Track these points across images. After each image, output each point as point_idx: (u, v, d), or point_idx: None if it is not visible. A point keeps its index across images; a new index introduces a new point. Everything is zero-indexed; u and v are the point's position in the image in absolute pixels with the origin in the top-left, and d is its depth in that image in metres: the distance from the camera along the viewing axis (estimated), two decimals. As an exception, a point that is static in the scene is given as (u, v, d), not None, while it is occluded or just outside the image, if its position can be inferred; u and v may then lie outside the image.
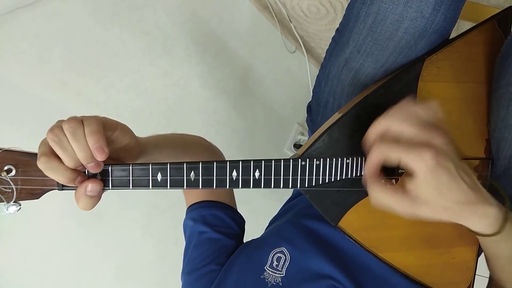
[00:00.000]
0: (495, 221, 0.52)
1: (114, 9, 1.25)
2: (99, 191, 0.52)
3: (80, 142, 0.48)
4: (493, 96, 0.65)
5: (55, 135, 0.48)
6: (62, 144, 0.48)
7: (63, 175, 0.49)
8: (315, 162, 0.57)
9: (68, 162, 0.49)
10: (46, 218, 1.21)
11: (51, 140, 0.48)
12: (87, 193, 0.50)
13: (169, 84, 1.39)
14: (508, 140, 0.64)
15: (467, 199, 0.49)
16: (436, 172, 0.46)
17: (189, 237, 0.80)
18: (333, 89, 0.76)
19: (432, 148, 0.46)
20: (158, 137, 0.70)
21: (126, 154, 0.57)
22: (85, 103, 1.24)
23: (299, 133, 1.70)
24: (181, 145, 0.78)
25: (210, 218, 0.78)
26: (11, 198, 0.50)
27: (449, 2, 0.58)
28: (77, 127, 0.48)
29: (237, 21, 1.50)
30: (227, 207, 0.81)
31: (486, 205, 0.51)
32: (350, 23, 0.67)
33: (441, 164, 0.46)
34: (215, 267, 0.72)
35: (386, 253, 0.65)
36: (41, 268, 1.22)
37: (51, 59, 1.17)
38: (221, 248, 0.76)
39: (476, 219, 0.51)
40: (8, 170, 0.50)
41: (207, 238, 0.76)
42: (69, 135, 0.48)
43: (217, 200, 0.81)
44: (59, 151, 0.48)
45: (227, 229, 0.78)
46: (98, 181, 0.52)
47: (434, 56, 0.63)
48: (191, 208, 0.81)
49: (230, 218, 0.80)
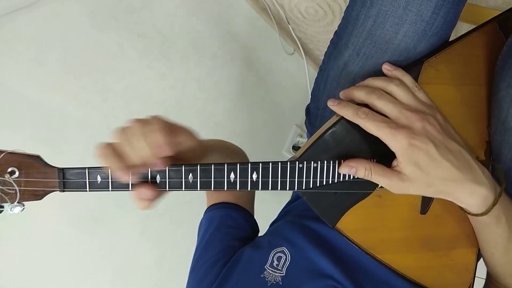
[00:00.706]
0: (483, 201, 0.55)
1: (111, 11, 1.25)
2: (151, 194, 0.53)
3: (146, 139, 0.49)
4: (494, 98, 0.65)
5: (122, 132, 0.50)
6: (127, 140, 0.49)
7: (114, 162, 0.49)
8: (313, 165, 0.57)
9: (133, 158, 0.50)
10: (44, 222, 1.21)
11: (116, 137, 0.50)
12: (142, 198, 0.53)
13: (166, 86, 1.38)
14: (509, 142, 0.64)
15: (451, 176, 0.53)
16: (411, 152, 0.52)
17: (202, 235, 0.81)
18: (332, 92, 0.76)
19: (406, 129, 0.52)
20: (211, 140, 0.72)
21: (191, 155, 0.58)
22: (82, 105, 1.23)
23: (297, 135, 1.70)
24: (230, 152, 0.83)
25: (227, 219, 0.80)
26: (14, 199, 0.52)
27: (448, 5, 0.58)
28: (142, 125, 0.50)
29: (235, 23, 1.50)
30: (245, 211, 0.84)
31: (475, 183, 0.54)
32: (349, 26, 0.67)
33: (415, 144, 0.52)
34: (221, 265, 0.73)
35: (385, 255, 0.65)
36: (39, 272, 1.22)
37: (48, 62, 1.17)
38: (230, 248, 0.77)
39: (462, 195, 0.55)
40: (11, 172, 0.51)
41: (219, 238, 0.78)
42: (134, 132, 0.49)
43: (238, 203, 0.83)
44: (123, 147, 0.49)
45: (241, 231, 0.80)
46: (149, 185, 0.54)
47: (433, 59, 0.63)
48: (211, 208, 0.84)
49: (246, 222, 0.82)
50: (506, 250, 0.61)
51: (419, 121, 0.53)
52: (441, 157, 0.52)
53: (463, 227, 0.66)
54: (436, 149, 0.52)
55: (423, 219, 0.65)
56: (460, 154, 0.54)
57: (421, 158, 0.52)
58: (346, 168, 0.57)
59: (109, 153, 0.49)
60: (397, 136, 0.52)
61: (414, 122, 0.53)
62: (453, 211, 0.65)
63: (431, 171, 0.53)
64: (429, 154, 0.52)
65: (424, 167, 0.52)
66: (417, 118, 0.53)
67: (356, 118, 0.55)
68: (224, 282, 0.69)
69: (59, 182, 0.53)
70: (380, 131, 0.53)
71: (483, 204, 0.55)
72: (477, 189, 0.54)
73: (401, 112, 0.54)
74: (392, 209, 0.64)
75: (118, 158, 0.49)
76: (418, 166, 0.52)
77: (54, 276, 1.24)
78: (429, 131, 0.53)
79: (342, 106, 0.57)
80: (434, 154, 0.52)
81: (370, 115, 0.54)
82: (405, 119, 0.53)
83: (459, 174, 0.53)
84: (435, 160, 0.52)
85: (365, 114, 0.54)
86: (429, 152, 0.52)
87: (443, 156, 0.52)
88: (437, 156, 0.52)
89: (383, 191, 0.62)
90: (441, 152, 0.53)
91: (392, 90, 0.57)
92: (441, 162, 0.52)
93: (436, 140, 0.53)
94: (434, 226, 0.65)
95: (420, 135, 0.52)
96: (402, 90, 0.57)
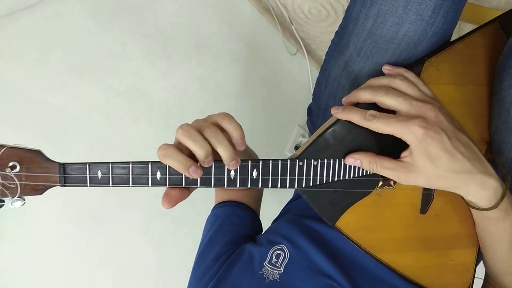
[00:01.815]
0: (493, 193, 0.55)
1: (114, 11, 1.26)
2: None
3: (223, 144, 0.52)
4: (494, 98, 0.65)
5: (185, 129, 0.52)
6: (191, 137, 0.51)
7: (178, 161, 0.51)
8: (313, 163, 0.58)
9: (200, 152, 0.51)
10: (44, 221, 1.21)
11: (181, 135, 0.52)
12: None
13: (169, 86, 1.39)
14: (509, 142, 0.64)
15: (462, 169, 0.53)
16: (425, 142, 0.51)
17: (207, 231, 0.82)
18: (333, 92, 0.76)
19: (421, 120, 0.51)
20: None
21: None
22: (85, 105, 1.24)
23: (300, 135, 1.70)
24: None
25: (233, 217, 0.81)
26: (15, 194, 0.53)
27: (448, 5, 0.58)
28: (218, 131, 0.53)
29: (237, 23, 1.50)
30: (251, 211, 0.84)
31: (486, 175, 0.54)
32: (349, 25, 0.67)
33: (429, 135, 0.51)
34: (222, 261, 0.74)
35: (384, 254, 0.65)
36: (40, 271, 1.22)
37: (50, 61, 1.17)
38: (233, 244, 0.77)
39: (473, 188, 0.54)
40: (12, 166, 0.52)
41: (223, 234, 0.79)
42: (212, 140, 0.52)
43: (245, 202, 0.84)
44: (189, 142, 0.51)
45: (245, 229, 0.81)
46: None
47: (434, 58, 0.63)
48: (219, 205, 0.84)
49: (251, 221, 0.82)
50: (510, 247, 0.61)
51: (431, 110, 0.53)
52: (453, 149, 0.52)
53: (463, 227, 0.66)
54: (449, 140, 0.52)
55: (423, 218, 0.65)
56: (469, 145, 0.54)
57: (435, 149, 0.51)
58: (350, 160, 0.57)
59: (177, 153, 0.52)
60: (411, 127, 0.51)
61: (426, 111, 0.53)
62: (453, 211, 0.65)
63: (443, 164, 0.52)
64: (442, 145, 0.51)
65: (436, 159, 0.52)
66: (429, 107, 0.53)
67: (364, 121, 0.55)
68: (224, 277, 0.69)
69: (60, 177, 0.53)
70: (392, 127, 0.53)
71: (494, 196, 0.55)
72: (488, 181, 0.54)
73: (412, 104, 0.54)
74: (392, 208, 0.64)
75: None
76: (431, 158, 0.52)
77: (56, 275, 1.25)
78: (441, 121, 0.53)
79: (348, 111, 0.56)
80: (447, 145, 0.52)
81: (378, 115, 0.54)
82: (416, 109, 0.53)
83: (470, 166, 0.53)
84: (447, 151, 0.52)
85: (373, 116, 0.54)
86: (443, 143, 0.51)
87: (455, 148, 0.52)
88: (450, 148, 0.52)
89: (383, 190, 0.62)
90: (454, 143, 0.52)
91: (398, 85, 0.56)
92: (453, 154, 0.52)
93: (448, 131, 0.53)
94: (434, 225, 0.65)
95: (433, 124, 0.52)
96: (407, 84, 0.56)
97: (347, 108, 0.57)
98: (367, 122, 0.54)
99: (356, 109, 0.56)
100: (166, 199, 0.55)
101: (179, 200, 0.56)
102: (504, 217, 0.57)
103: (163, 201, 0.55)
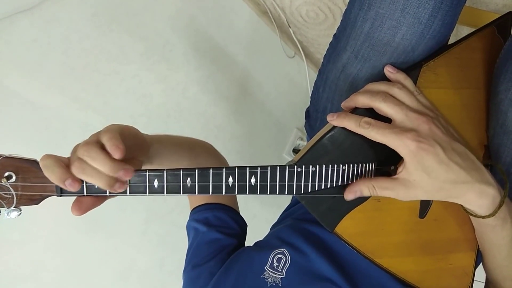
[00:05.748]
0: (492, 201, 0.55)
1: (112, 14, 1.25)
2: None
3: (97, 160, 0.49)
4: (492, 102, 0.65)
5: (76, 167, 0.49)
6: (86, 172, 0.49)
7: (53, 173, 0.49)
8: (311, 169, 0.57)
9: (100, 181, 0.49)
10: (42, 224, 1.21)
11: (76, 172, 0.49)
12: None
13: (167, 89, 1.39)
14: (507, 146, 0.64)
15: (460, 179, 0.53)
16: (419, 155, 0.51)
17: (192, 238, 0.82)
18: (331, 95, 0.76)
19: (414, 134, 0.52)
20: (161, 135, 0.71)
21: (139, 151, 0.58)
22: (83, 108, 1.23)
23: (298, 138, 1.70)
24: (186, 145, 0.80)
25: (213, 220, 0.80)
26: (11, 204, 0.52)
27: (446, 8, 0.58)
28: (89, 147, 0.50)
29: (236, 26, 1.50)
30: (229, 209, 0.83)
31: (484, 184, 0.54)
32: (347, 28, 0.67)
33: (423, 148, 0.51)
34: (215, 264, 0.74)
35: (383, 259, 0.65)
36: (38, 275, 1.22)
37: (49, 64, 1.17)
38: (222, 247, 0.77)
39: (471, 197, 0.54)
40: (8, 176, 0.51)
41: (209, 238, 0.78)
42: (85, 158, 0.49)
43: (220, 202, 0.83)
44: (87, 179, 0.49)
45: (229, 229, 0.80)
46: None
47: (431, 62, 0.63)
48: (195, 210, 0.83)
49: (231, 219, 0.82)
50: (509, 253, 0.61)
51: (425, 123, 0.53)
52: (448, 160, 0.52)
53: (462, 231, 0.66)
54: (444, 152, 0.52)
55: (421, 223, 0.65)
56: (466, 155, 0.54)
57: (429, 162, 0.52)
58: (351, 195, 0.57)
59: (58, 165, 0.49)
60: (405, 140, 0.51)
61: (420, 124, 0.53)
62: (452, 215, 0.65)
63: (439, 175, 0.52)
64: (437, 157, 0.52)
65: (432, 171, 0.52)
66: (423, 120, 0.53)
67: (359, 128, 0.55)
68: (222, 281, 0.69)
69: (56, 187, 0.53)
70: (387, 138, 0.53)
71: (492, 204, 0.55)
72: (486, 189, 0.54)
73: (407, 115, 0.54)
74: (390, 213, 0.63)
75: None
76: (426, 170, 0.52)
77: (53, 279, 1.24)
78: (435, 133, 0.53)
79: (343, 118, 0.56)
80: (442, 156, 0.52)
81: (373, 123, 0.54)
82: (411, 121, 0.53)
83: (467, 175, 0.53)
84: (442, 162, 0.52)
85: (368, 124, 0.54)
86: (438, 155, 0.52)
87: (450, 159, 0.52)
88: (445, 159, 0.52)
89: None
90: (449, 155, 0.52)
91: (395, 93, 0.57)
92: (449, 165, 0.52)
93: (442, 142, 0.53)
94: (432, 230, 0.65)
95: (427, 137, 0.52)
96: (405, 93, 0.57)
97: (342, 114, 0.57)
98: (361, 129, 0.54)
99: (351, 115, 0.56)
100: (77, 206, 0.52)
101: (90, 208, 0.54)
102: (502, 225, 0.57)
103: (73, 209, 0.52)
